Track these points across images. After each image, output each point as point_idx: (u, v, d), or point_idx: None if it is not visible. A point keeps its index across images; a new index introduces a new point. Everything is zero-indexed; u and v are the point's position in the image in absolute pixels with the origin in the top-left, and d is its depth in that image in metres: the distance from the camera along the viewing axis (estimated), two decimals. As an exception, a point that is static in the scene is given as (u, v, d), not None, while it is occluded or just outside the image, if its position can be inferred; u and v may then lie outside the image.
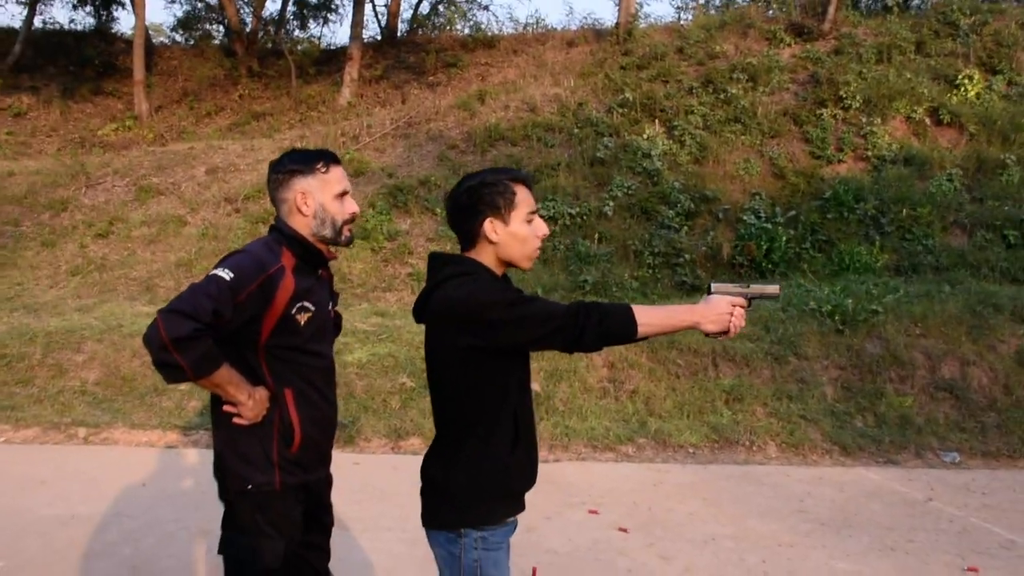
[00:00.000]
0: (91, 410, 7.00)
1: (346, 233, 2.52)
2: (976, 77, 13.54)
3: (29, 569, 4.01)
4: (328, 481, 2.66)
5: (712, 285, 2.25)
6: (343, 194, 2.50)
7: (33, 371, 7.47)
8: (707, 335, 2.20)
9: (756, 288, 2.28)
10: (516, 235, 2.23)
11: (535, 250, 2.28)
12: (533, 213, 2.27)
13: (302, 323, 2.40)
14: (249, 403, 2.34)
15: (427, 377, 2.30)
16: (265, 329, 2.36)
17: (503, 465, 2.18)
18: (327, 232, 2.47)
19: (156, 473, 5.75)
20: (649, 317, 2.11)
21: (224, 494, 2.45)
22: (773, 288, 2.32)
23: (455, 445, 2.21)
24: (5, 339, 7.79)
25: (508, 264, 2.28)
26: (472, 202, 2.22)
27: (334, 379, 2.63)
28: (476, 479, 2.17)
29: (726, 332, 2.18)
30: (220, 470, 2.45)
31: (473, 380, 2.16)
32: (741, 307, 2.20)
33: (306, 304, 2.41)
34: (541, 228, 2.28)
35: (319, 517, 2.61)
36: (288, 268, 2.38)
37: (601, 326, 2.08)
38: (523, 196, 2.25)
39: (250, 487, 2.38)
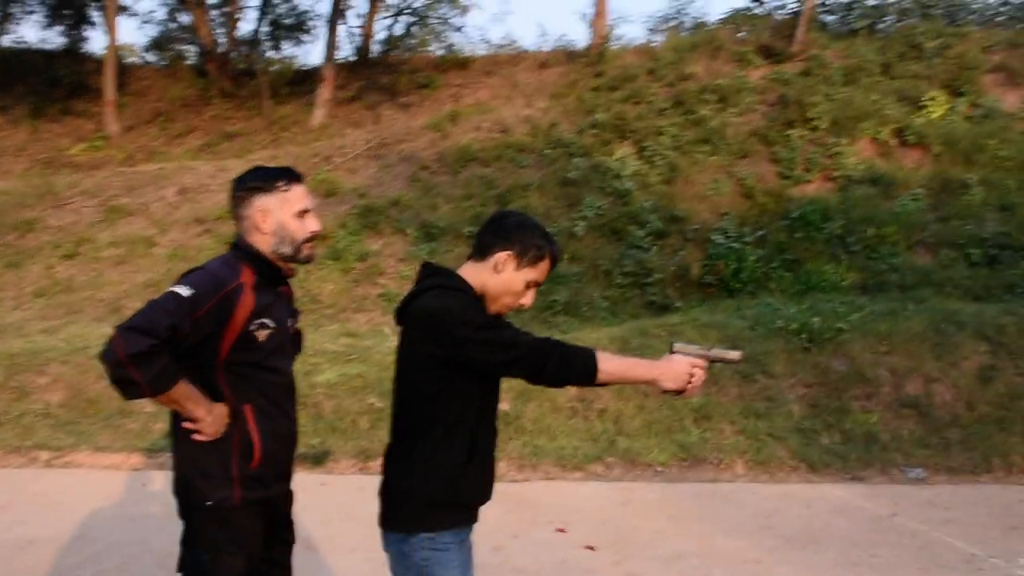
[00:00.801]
0: (54, 433, 6.91)
1: (305, 251, 2.53)
2: (940, 99, 13.80)
3: (-13, 593, 3.96)
4: (289, 497, 2.66)
5: (675, 344, 2.33)
6: (304, 212, 2.52)
7: (-4, 393, 7.36)
8: (664, 392, 2.27)
9: (717, 352, 2.35)
10: (510, 285, 2.32)
11: (508, 308, 2.37)
12: (536, 285, 2.37)
13: (261, 339, 2.41)
14: (208, 419, 2.34)
15: (393, 379, 2.36)
16: (224, 345, 2.37)
17: (454, 477, 2.24)
18: (286, 250, 2.49)
19: (119, 496, 5.68)
20: (610, 365, 2.20)
21: (184, 511, 2.45)
22: (735, 354, 2.40)
23: (408, 449, 2.28)
24: (-32, 361, 7.69)
25: (482, 296, 2.35)
26: (514, 231, 2.32)
27: (295, 395, 2.64)
28: (426, 487, 2.24)
29: (683, 391, 2.25)
30: (180, 486, 2.46)
31: (433, 389, 2.24)
32: (701, 368, 2.27)
33: (265, 321, 2.42)
34: (528, 299, 2.38)
35: (280, 533, 2.62)
36: (248, 285, 2.40)
37: (563, 363, 2.16)
38: (543, 268, 2.35)
39: (210, 503, 2.38)
